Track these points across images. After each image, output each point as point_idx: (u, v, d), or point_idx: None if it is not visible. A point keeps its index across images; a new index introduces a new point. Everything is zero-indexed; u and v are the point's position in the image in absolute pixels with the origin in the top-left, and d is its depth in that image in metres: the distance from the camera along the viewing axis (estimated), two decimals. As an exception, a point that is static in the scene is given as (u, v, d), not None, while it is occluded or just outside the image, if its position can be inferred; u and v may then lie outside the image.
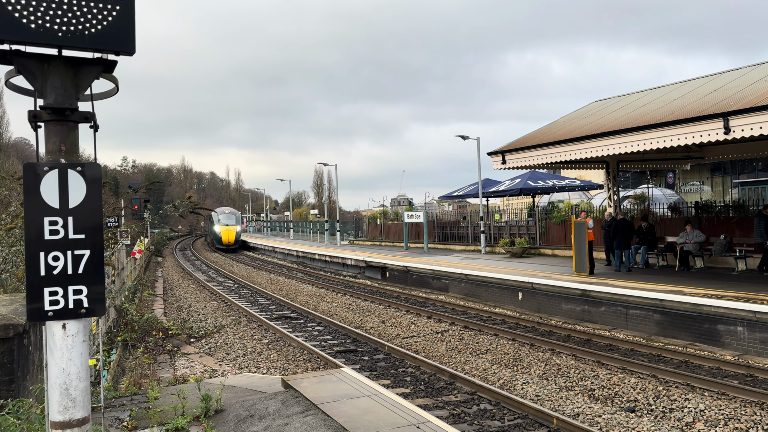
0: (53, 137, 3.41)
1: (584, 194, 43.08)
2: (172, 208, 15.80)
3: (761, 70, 14.72)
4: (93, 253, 3.40)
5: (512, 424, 7.79)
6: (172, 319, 17.14)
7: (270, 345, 13.41)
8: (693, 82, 17.02)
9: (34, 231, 3.28)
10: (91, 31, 3.24)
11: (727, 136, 11.64)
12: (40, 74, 3.34)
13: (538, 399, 8.94)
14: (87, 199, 3.39)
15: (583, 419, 7.99)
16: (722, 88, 14.08)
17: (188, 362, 12.29)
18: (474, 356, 11.61)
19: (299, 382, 7.08)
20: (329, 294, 21.33)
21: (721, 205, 20.71)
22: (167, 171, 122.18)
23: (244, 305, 19.12)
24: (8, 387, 5.40)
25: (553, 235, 27.10)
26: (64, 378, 3.31)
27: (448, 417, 8.09)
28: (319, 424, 5.59)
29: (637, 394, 8.80)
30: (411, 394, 9.24)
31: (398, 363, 11.27)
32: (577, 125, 17.46)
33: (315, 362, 11.65)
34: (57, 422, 3.31)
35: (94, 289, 3.39)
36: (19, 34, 3.10)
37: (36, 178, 3.29)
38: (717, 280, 14.80)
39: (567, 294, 14.93)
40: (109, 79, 3.68)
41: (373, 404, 6.17)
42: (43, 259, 3.28)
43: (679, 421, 7.76)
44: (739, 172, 39.18)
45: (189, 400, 6.48)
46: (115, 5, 3.29)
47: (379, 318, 16.08)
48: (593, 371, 10.01)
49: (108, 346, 11.87)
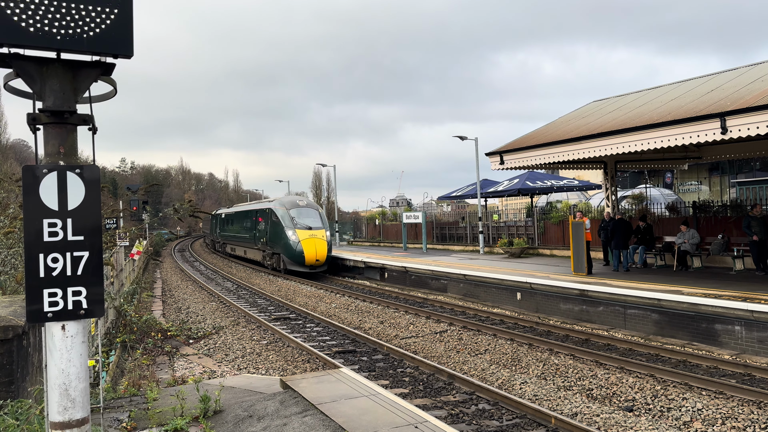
0: (52, 139, 3.44)
1: (582, 194, 43.16)
2: (171, 211, 15.82)
3: (758, 70, 14.77)
4: (92, 254, 3.42)
5: (510, 423, 7.81)
6: (171, 320, 17.15)
7: (269, 346, 13.42)
8: (690, 82, 17.06)
9: (33, 233, 3.30)
10: (90, 35, 3.27)
11: (725, 136, 11.68)
12: (38, 77, 3.36)
13: (536, 399, 8.96)
14: (86, 200, 3.41)
15: (581, 419, 8.02)
16: (719, 88, 14.12)
17: (187, 363, 12.30)
18: (472, 356, 11.63)
19: (298, 383, 7.10)
20: (328, 295, 21.34)
21: (719, 205, 20.77)
22: (165, 172, 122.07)
23: (242, 306, 19.13)
24: (8, 388, 5.41)
25: (551, 235, 27.14)
26: (63, 379, 3.33)
27: (446, 417, 8.11)
28: (318, 425, 5.61)
29: (635, 394, 8.82)
30: (410, 394, 9.26)
31: (397, 363, 11.29)
32: (574, 125, 17.50)
33: (314, 363, 11.67)
34: (56, 422, 3.33)
35: (93, 290, 3.41)
36: (18, 37, 3.13)
37: (35, 180, 3.31)
38: (715, 279, 14.84)
39: (565, 294, 14.95)
40: (108, 81, 3.70)
41: (371, 404, 6.19)
42: (42, 260, 3.30)
43: (677, 420, 7.79)
44: (737, 171, 39.25)
45: (188, 401, 6.49)
46: (113, 9, 3.31)
47: (378, 318, 16.10)
48: (591, 371, 10.03)
49: (107, 347, 11.88)
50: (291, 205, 29.05)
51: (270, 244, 29.67)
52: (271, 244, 29.42)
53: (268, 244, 29.90)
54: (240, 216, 38.63)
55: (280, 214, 28.39)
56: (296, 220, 27.74)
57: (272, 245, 29.28)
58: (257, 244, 32.52)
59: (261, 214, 31.83)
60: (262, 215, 31.45)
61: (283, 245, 27.54)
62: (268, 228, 29.91)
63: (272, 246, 29.28)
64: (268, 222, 30.05)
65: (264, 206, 31.88)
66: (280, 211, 28.61)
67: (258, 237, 32.14)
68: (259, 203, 35.92)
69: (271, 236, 29.35)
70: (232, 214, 42.33)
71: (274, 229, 28.89)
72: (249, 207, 36.85)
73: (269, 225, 29.65)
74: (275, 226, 28.72)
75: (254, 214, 33.76)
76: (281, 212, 28.43)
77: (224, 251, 45.98)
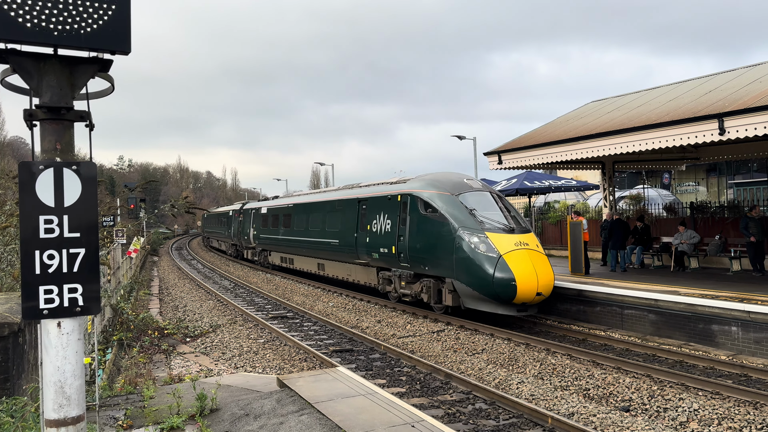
0: (49, 136, 3.42)
1: (580, 194, 43.19)
2: (168, 208, 15.78)
3: (757, 71, 14.79)
4: (88, 251, 3.41)
5: (507, 423, 7.81)
6: (168, 318, 17.13)
7: (266, 344, 13.41)
8: (689, 83, 17.08)
9: (29, 229, 3.29)
10: (87, 30, 3.25)
11: (722, 137, 11.69)
12: (35, 73, 3.35)
13: (533, 398, 8.96)
14: (82, 197, 3.40)
15: (577, 419, 8.02)
16: (717, 89, 14.13)
17: (184, 361, 12.29)
18: (469, 356, 11.63)
19: (295, 381, 7.09)
20: (325, 294, 21.33)
21: (716, 206, 20.81)
22: (163, 170, 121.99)
23: (240, 305, 19.11)
24: (3, 385, 5.40)
25: (549, 235, 27.18)
26: (59, 376, 3.32)
27: (443, 416, 8.10)
28: (314, 423, 5.60)
29: (631, 394, 8.83)
30: (406, 393, 9.26)
31: (394, 362, 11.29)
32: (573, 125, 17.51)
33: (311, 362, 11.66)
34: (52, 420, 3.32)
35: (90, 287, 3.41)
36: (15, 32, 3.11)
37: (31, 176, 3.30)
38: (712, 280, 14.86)
39: (562, 294, 14.96)
40: (105, 78, 3.69)
41: (368, 403, 6.18)
42: (38, 257, 3.29)
43: (673, 421, 7.80)
44: (735, 172, 39.34)
45: (184, 399, 6.48)
46: (111, 4, 3.30)
47: (375, 318, 16.09)
48: (588, 371, 10.04)
49: (103, 345, 11.85)
50: (457, 187, 15.88)
51: (417, 258, 16.10)
52: (422, 260, 15.94)
53: (412, 259, 16.30)
54: (322, 208, 23.64)
55: (444, 202, 15.38)
56: (479, 215, 14.75)
57: (424, 261, 15.87)
58: (376, 256, 18.30)
59: (385, 204, 18.08)
60: (389, 207, 17.80)
61: (458, 263, 14.46)
62: (412, 228, 16.41)
63: (424, 262, 15.85)
64: (409, 218, 16.57)
65: (391, 191, 18.09)
66: (440, 198, 15.57)
67: (378, 244, 18.15)
68: (369, 187, 20.73)
69: (419, 244, 16.05)
70: (299, 206, 26.56)
71: (429, 232, 15.68)
72: (346, 194, 21.82)
73: (414, 224, 16.34)
74: (432, 225, 15.53)
75: (367, 205, 19.36)
76: (444, 200, 15.44)
77: (265, 262, 31.83)
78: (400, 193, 17.36)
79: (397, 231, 17.01)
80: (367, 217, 19.05)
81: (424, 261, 15.79)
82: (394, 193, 17.75)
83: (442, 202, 15.36)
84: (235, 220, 39.27)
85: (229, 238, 42.53)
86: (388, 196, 18.09)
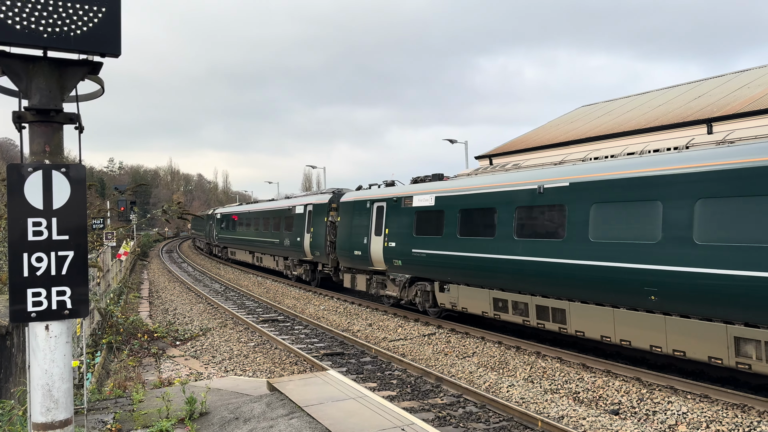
0: (38, 138, 3.41)
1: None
2: (160, 213, 15.71)
3: (745, 77, 14.93)
4: (77, 254, 3.40)
5: (497, 426, 7.83)
6: (158, 321, 17.03)
7: (256, 348, 13.36)
8: (678, 88, 17.22)
9: (17, 232, 3.27)
10: (77, 33, 3.25)
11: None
12: (24, 75, 3.34)
13: (523, 402, 8.99)
14: (71, 200, 3.39)
15: (567, 422, 8.05)
16: (706, 94, 14.27)
17: (174, 365, 12.22)
18: (460, 359, 11.65)
19: (285, 385, 7.08)
20: (316, 297, 21.29)
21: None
22: (154, 173, 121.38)
23: (230, 308, 19.03)
24: (-10, 389, 5.35)
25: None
26: (46, 379, 3.30)
27: (433, 420, 8.11)
28: (304, 427, 5.59)
29: (621, 397, 8.88)
30: (397, 396, 9.26)
31: (385, 366, 11.29)
32: (563, 130, 17.61)
33: (301, 365, 11.63)
34: (39, 423, 3.30)
35: (78, 290, 3.39)
36: (4, 34, 3.11)
37: (20, 178, 3.29)
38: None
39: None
40: (95, 80, 3.68)
41: (358, 407, 6.18)
42: (26, 260, 3.27)
43: (662, 424, 7.84)
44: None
45: (174, 403, 6.45)
46: (101, 7, 3.29)
47: (367, 321, 16.08)
48: (578, 374, 10.08)
49: (92, 348, 11.78)
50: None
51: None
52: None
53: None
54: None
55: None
56: None
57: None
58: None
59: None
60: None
61: None
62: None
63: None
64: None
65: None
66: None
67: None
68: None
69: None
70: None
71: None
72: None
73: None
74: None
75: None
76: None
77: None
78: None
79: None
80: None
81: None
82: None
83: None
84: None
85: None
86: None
